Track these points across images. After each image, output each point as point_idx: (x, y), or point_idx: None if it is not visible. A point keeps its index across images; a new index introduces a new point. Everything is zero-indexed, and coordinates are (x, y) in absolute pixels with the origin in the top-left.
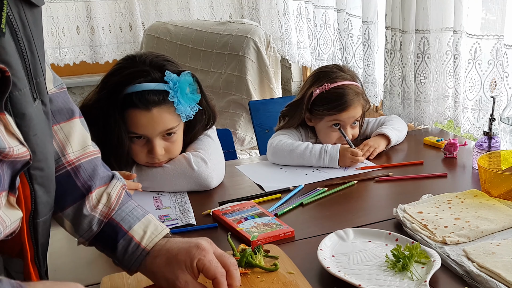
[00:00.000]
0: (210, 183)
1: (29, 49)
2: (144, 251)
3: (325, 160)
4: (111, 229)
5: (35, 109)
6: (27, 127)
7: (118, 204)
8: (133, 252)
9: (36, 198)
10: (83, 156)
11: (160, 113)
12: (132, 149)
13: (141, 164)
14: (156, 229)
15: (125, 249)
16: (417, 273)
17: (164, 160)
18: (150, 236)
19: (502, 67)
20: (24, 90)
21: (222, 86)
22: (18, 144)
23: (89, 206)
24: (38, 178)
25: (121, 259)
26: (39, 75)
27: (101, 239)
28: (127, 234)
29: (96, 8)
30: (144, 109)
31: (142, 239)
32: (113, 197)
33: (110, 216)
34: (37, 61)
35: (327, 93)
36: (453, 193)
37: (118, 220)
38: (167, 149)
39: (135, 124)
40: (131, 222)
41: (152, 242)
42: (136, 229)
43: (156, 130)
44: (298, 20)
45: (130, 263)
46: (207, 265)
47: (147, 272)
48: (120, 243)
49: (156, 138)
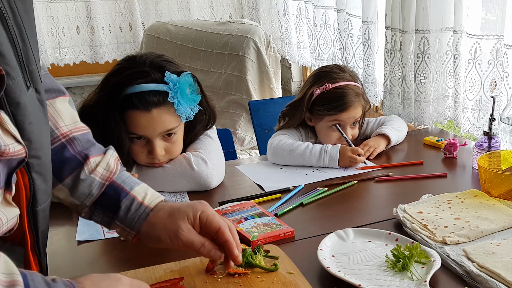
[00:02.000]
0: (210, 183)
1: (20, 38)
2: (147, 208)
3: (325, 160)
4: (113, 191)
5: (29, 97)
6: (22, 116)
7: (118, 169)
8: (136, 210)
9: (34, 186)
10: (76, 129)
11: (160, 114)
12: (132, 150)
13: (141, 164)
14: (155, 193)
15: (128, 208)
16: (417, 273)
17: (164, 161)
18: (151, 197)
19: (502, 67)
20: (18, 79)
21: (222, 86)
22: (14, 142)
23: (87, 170)
24: (35, 167)
25: (124, 219)
26: (31, 63)
27: (102, 201)
28: (129, 194)
29: (96, 8)
30: (144, 110)
31: (144, 199)
32: (112, 162)
33: (112, 179)
34: (29, 49)
35: (327, 93)
36: (453, 193)
37: (119, 182)
38: (167, 150)
39: (135, 125)
40: (131, 184)
41: (153, 202)
42: (138, 190)
43: (156, 130)
44: (298, 20)
45: (134, 221)
46: (211, 216)
47: (148, 226)
48: (123, 202)
49: (156, 138)
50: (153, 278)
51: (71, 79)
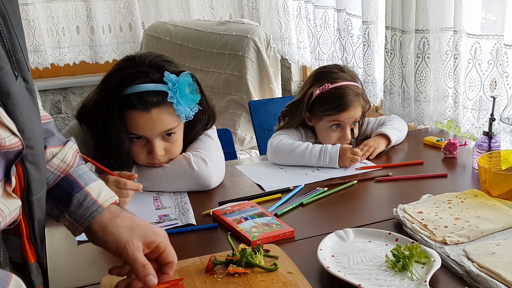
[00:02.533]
0: (210, 183)
1: (5, 26)
2: (100, 207)
3: (325, 160)
4: (67, 184)
5: (18, 87)
6: (13, 106)
7: (75, 162)
8: (88, 207)
9: (28, 176)
10: None
11: (159, 114)
12: (132, 150)
13: (141, 164)
14: (110, 193)
15: (80, 203)
16: (417, 273)
17: (164, 161)
18: (105, 196)
19: (502, 67)
20: (6, 69)
21: (222, 86)
22: (10, 134)
23: None
24: (28, 157)
25: (74, 213)
26: (17, 52)
27: (55, 193)
28: (83, 189)
29: (96, 8)
30: (143, 110)
31: (98, 197)
32: (70, 155)
33: (68, 172)
34: (14, 37)
35: (327, 93)
36: (453, 193)
37: (75, 176)
38: (167, 150)
39: (134, 125)
40: (87, 180)
41: (107, 202)
42: (93, 187)
43: (155, 131)
44: (298, 20)
45: (84, 217)
46: (169, 248)
47: (98, 227)
48: (76, 197)
49: (156, 138)
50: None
51: (71, 79)
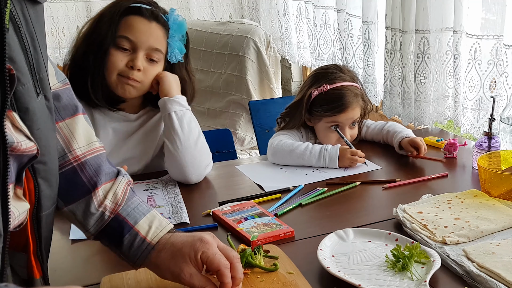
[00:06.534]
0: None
1: (32, 45)
2: (149, 245)
3: (324, 160)
4: (117, 224)
5: (38, 104)
6: (31, 121)
7: (124, 200)
8: (138, 247)
9: (39, 191)
10: (89, 152)
11: (157, 30)
12: (111, 60)
13: (111, 82)
14: (161, 224)
15: (131, 244)
16: (417, 273)
17: (137, 80)
18: (155, 231)
19: (502, 67)
20: (28, 85)
21: (222, 86)
22: (26, 139)
23: (96, 203)
24: (41, 172)
25: (127, 254)
26: (42, 70)
27: (107, 234)
28: (133, 228)
29: (96, 8)
30: (147, 18)
31: (147, 233)
32: (119, 193)
33: (117, 212)
34: (40, 56)
35: (325, 94)
36: (453, 193)
37: (124, 215)
38: (144, 71)
39: (132, 28)
40: (136, 217)
41: (157, 237)
42: (142, 224)
43: (147, 41)
44: (298, 20)
45: (136, 257)
46: (211, 257)
47: (152, 266)
48: (126, 238)
49: (142, 52)
50: (153, 278)
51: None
